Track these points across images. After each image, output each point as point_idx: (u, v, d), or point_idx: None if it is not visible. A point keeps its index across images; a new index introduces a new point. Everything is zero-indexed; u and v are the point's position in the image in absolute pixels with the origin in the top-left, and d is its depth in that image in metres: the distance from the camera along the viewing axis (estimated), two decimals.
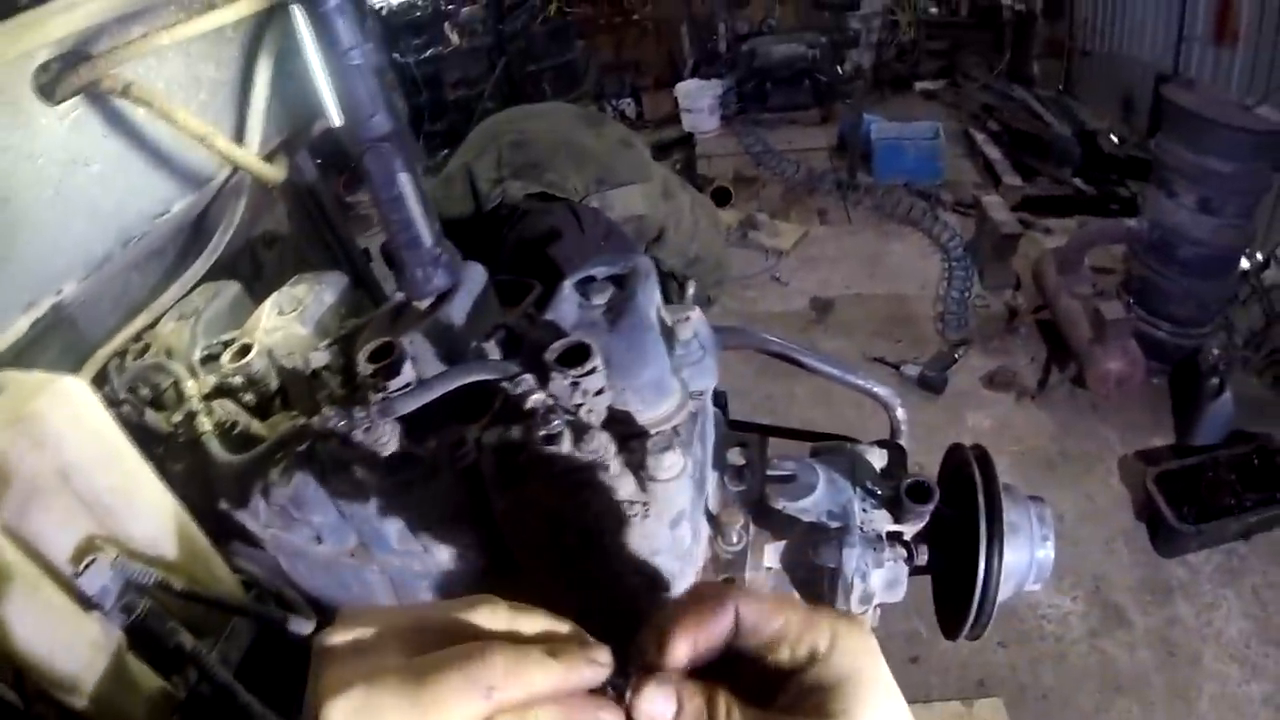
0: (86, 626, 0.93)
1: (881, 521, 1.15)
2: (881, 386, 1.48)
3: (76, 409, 0.95)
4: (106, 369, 1.37)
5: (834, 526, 1.12)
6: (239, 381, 1.27)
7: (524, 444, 0.96)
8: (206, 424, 1.18)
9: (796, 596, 1.16)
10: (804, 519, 1.13)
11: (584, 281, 1.12)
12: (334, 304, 1.44)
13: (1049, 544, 1.17)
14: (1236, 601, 3.40)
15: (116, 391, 1.31)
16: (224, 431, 1.20)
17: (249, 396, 1.28)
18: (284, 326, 1.35)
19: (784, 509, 1.14)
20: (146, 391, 1.31)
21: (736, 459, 1.24)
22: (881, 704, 0.53)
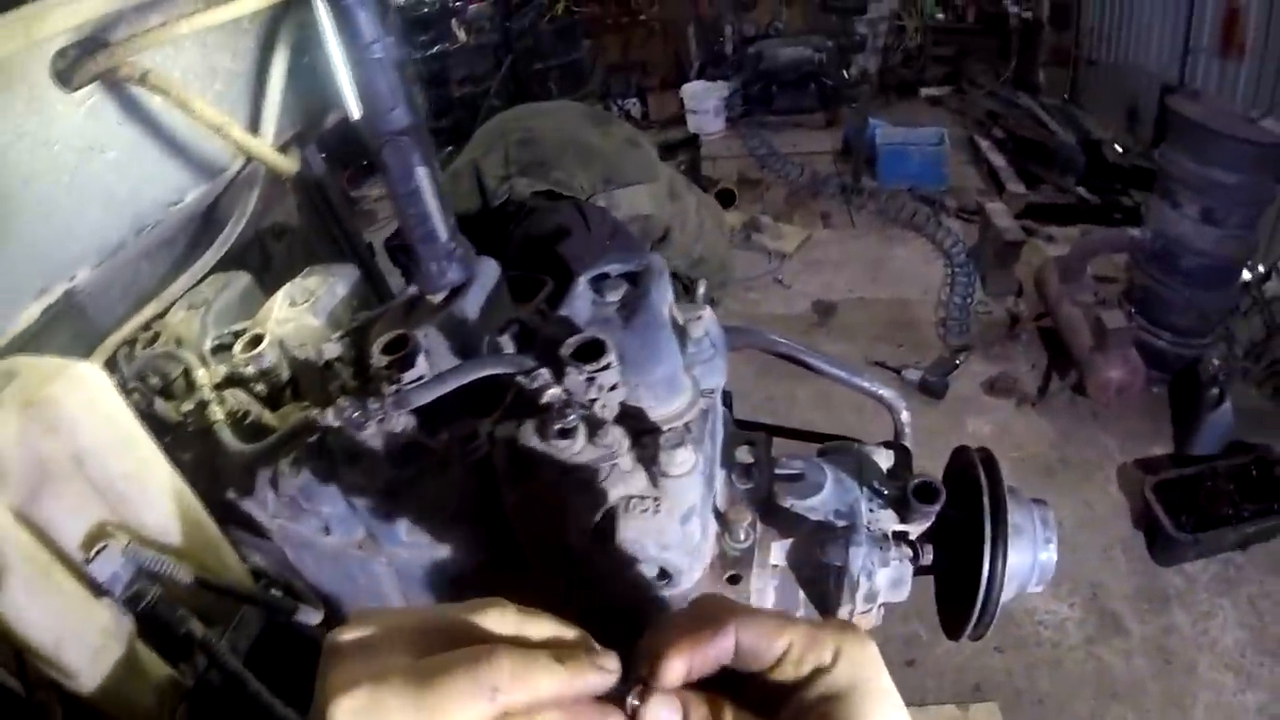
0: (97, 613, 0.93)
1: (888, 521, 1.16)
2: (886, 389, 1.49)
3: (91, 395, 0.95)
4: (115, 357, 1.37)
5: (841, 525, 1.12)
6: (250, 372, 1.27)
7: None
8: (218, 413, 1.18)
9: (800, 611, 1.17)
10: (811, 517, 1.14)
11: (598, 278, 1.13)
12: (346, 296, 1.44)
13: (1052, 546, 1.18)
14: (1233, 611, 3.40)
15: (126, 380, 1.32)
16: (235, 421, 1.20)
17: (260, 387, 1.28)
18: (296, 318, 1.36)
19: (791, 507, 1.14)
20: (156, 380, 1.32)
21: (744, 457, 1.24)
22: (887, 714, 0.53)
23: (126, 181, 1.24)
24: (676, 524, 0.96)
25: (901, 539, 1.17)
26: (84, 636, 0.93)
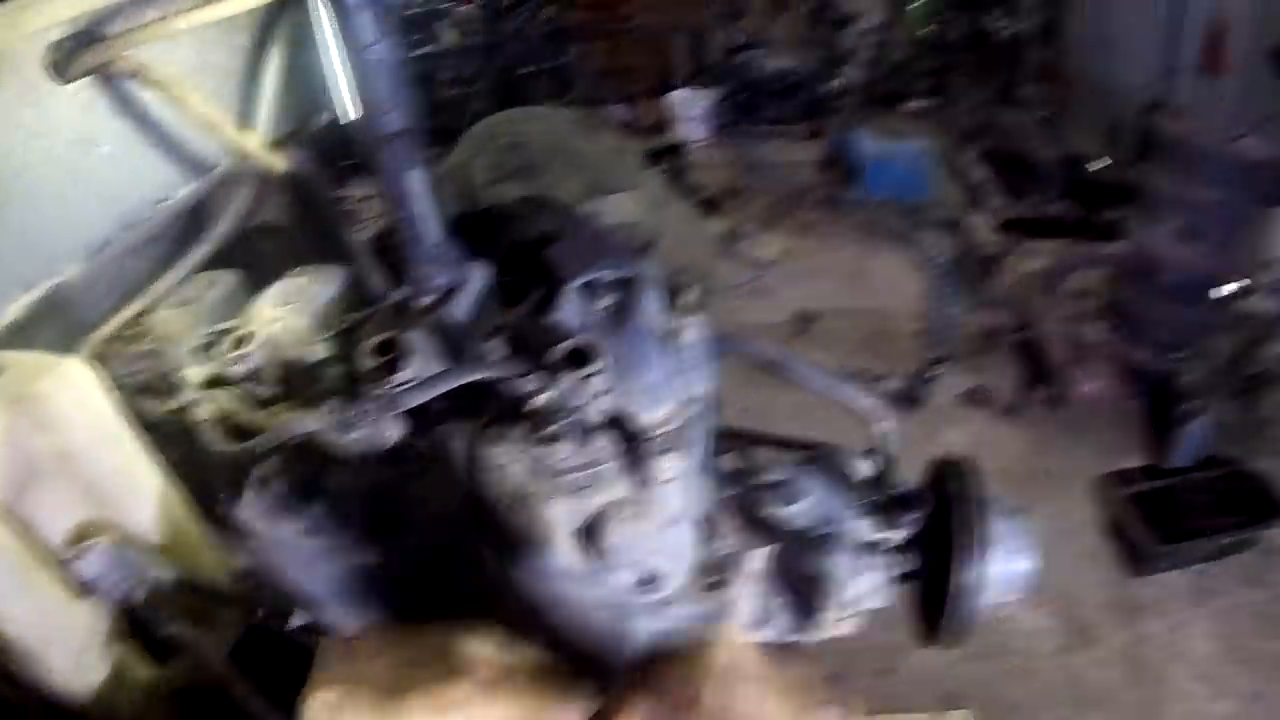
0: (81, 612, 0.93)
1: (868, 529, 1.18)
2: (867, 399, 1.51)
3: (81, 392, 0.95)
4: (101, 354, 1.36)
5: (822, 533, 1.14)
6: (237, 372, 1.27)
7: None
8: (204, 413, 1.18)
9: (779, 618, 1.19)
10: (793, 525, 1.15)
11: (587, 285, 1.14)
12: (334, 297, 1.44)
13: (1030, 555, 1.20)
14: (1205, 622, 3.44)
15: (111, 377, 1.31)
16: (221, 421, 1.20)
17: (247, 387, 1.28)
18: (284, 318, 1.35)
19: (773, 514, 1.16)
20: (142, 378, 1.31)
21: (728, 464, 1.26)
22: None
23: (118, 176, 1.24)
24: (662, 530, 0.98)
25: (880, 547, 1.19)
26: (68, 635, 0.92)
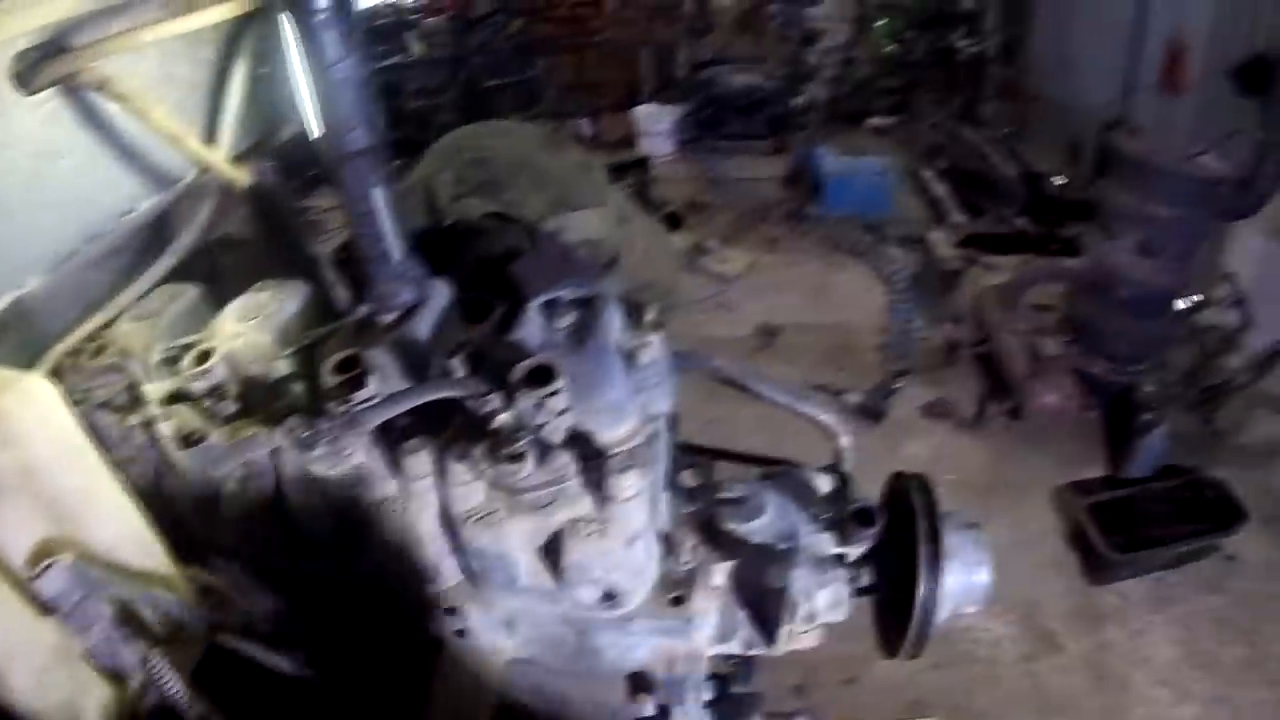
0: (43, 631, 0.91)
1: (827, 544, 1.20)
2: (828, 415, 1.53)
3: (43, 409, 0.94)
4: (60, 368, 1.35)
5: (782, 548, 1.16)
6: (199, 388, 1.26)
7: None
8: (166, 430, 1.17)
9: (742, 631, 1.20)
10: (753, 540, 1.17)
11: (549, 304, 1.15)
12: (297, 313, 1.43)
13: (986, 568, 1.23)
14: (1165, 628, 3.51)
15: (71, 392, 1.29)
16: (182, 437, 1.19)
17: (208, 403, 1.27)
18: (246, 333, 1.34)
19: (734, 530, 1.18)
20: (102, 393, 1.30)
21: (689, 481, 1.28)
22: None
23: (81, 188, 1.23)
24: (622, 547, 0.99)
25: (841, 561, 1.21)
26: (29, 655, 0.90)
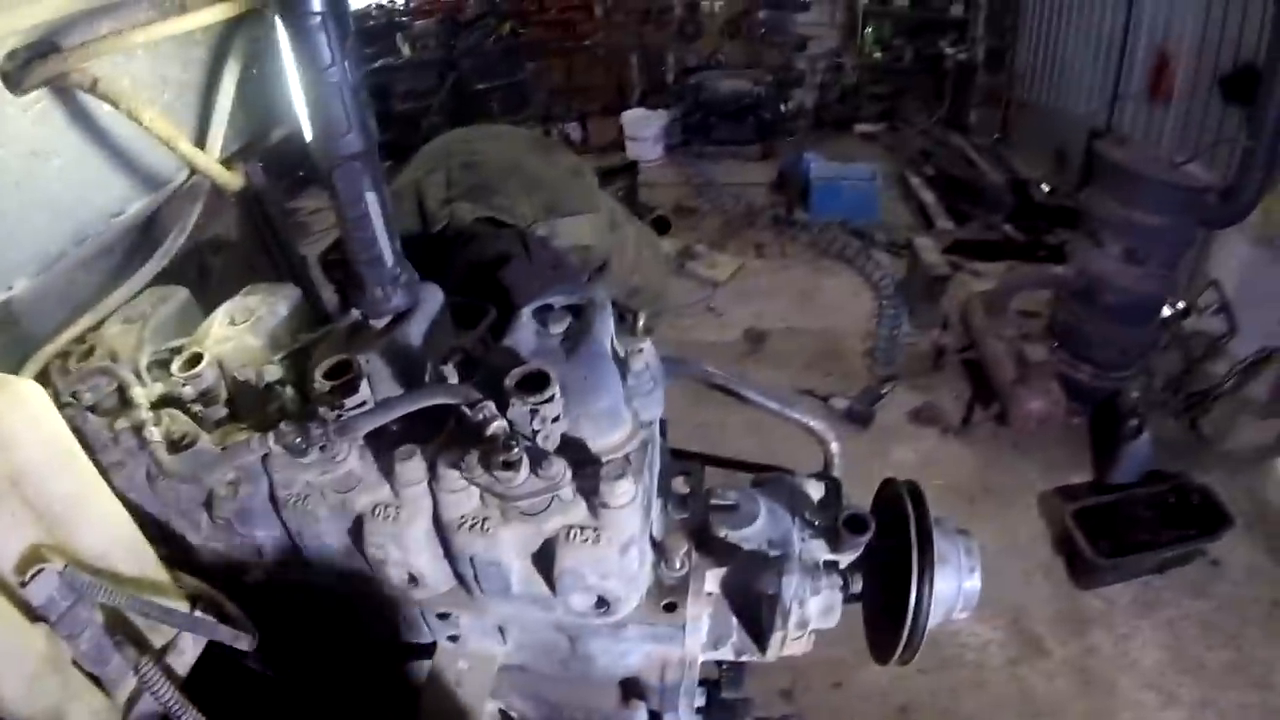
0: (32, 638, 0.90)
1: (819, 550, 1.20)
2: (817, 421, 1.54)
3: (32, 412, 0.92)
4: (48, 370, 1.33)
5: (774, 555, 1.16)
6: (188, 392, 1.25)
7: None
8: (155, 434, 1.16)
9: (733, 638, 1.21)
10: (745, 547, 1.17)
11: (541, 310, 1.15)
12: (287, 316, 1.42)
13: (976, 575, 1.24)
14: (1151, 632, 3.54)
15: (59, 394, 1.28)
16: (172, 442, 1.18)
17: (198, 407, 1.26)
18: (236, 337, 1.33)
19: (726, 537, 1.18)
20: (90, 396, 1.28)
21: (680, 487, 1.28)
22: None
23: (71, 190, 1.22)
24: (616, 554, 0.99)
25: (832, 568, 1.21)
26: (19, 662, 0.89)
